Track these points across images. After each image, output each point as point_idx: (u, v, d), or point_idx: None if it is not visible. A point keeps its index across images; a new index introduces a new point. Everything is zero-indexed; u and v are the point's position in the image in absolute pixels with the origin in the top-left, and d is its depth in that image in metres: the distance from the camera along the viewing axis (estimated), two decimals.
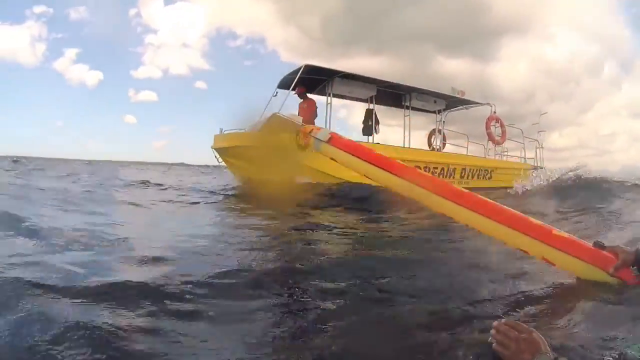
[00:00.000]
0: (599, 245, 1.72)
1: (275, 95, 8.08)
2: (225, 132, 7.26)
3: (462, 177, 9.04)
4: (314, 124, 7.66)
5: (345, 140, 3.18)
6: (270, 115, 6.82)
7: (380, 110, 10.30)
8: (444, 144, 10.37)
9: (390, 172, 2.56)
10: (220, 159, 7.42)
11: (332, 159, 3.13)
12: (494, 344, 1.00)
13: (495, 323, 1.04)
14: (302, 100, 7.94)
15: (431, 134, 10.44)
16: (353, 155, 2.93)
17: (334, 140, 3.17)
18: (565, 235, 1.87)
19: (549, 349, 0.95)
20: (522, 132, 10.49)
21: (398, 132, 9.27)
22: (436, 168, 8.48)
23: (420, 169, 8.05)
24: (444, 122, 10.61)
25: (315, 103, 7.87)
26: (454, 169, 8.84)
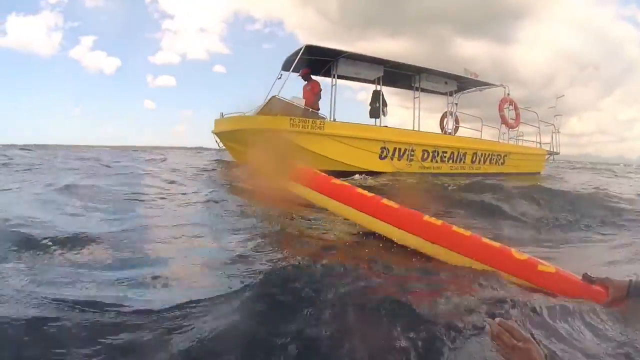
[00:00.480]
0: (588, 279, 1.65)
1: (279, 77, 7.82)
2: (225, 116, 7.07)
3: (473, 162, 8.68)
4: (317, 106, 7.43)
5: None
6: (269, 98, 6.63)
7: (398, 93, 10.01)
8: (457, 128, 9.94)
9: (351, 206, 2.33)
10: (221, 144, 7.27)
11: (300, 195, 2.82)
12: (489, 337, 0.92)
13: (489, 320, 0.93)
14: (306, 82, 7.68)
15: (443, 116, 10.03)
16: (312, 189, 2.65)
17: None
18: (552, 269, 1.73)
19: None
20: (538, 116, 9.98)
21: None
22: (445, 152, 8.15)
23: (429, 152, 7.89)
24: (456, 104, 10.17)
25: (319, 85, 7.59)
26: (464, 154, 8.48)
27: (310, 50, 7.03)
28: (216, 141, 7.27)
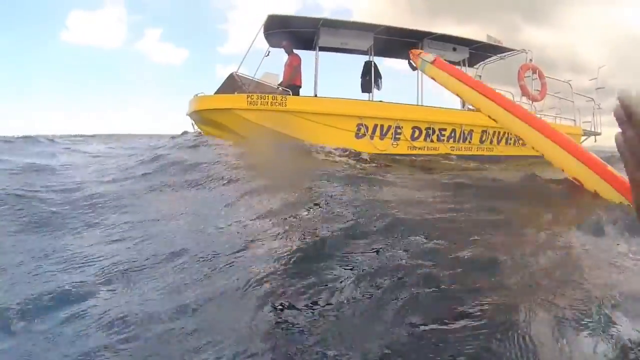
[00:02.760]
0: None
1: (267, 55, 7.39)
2: (198, 96, 6.84)
3: (482, 141, 7.48)
4: (296, 81, 6.93)
5: (447, 64, 3.81)
6: (227, 76, 6.27)
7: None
8: None
9: (484, 95, 3.02)
10: (196, 126, 7.11)
11: (432, 78, 3.72)
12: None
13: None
14: (288, 56, 7.17)
15: None
16: (452, 76, 3.54)
17: (437, 62, 3.77)
18: None
19: None
20: (571, 87, 8.24)
21: None
22: (444, 129, 7.10)
23: (421, 130, 6.90)
24: (480, 76, 8.91)
25: (298, 58, 7.09)
26: (470, 131, 7.32)
27: (276, 21, 6.53)
28: (192, 124, 7.12)
